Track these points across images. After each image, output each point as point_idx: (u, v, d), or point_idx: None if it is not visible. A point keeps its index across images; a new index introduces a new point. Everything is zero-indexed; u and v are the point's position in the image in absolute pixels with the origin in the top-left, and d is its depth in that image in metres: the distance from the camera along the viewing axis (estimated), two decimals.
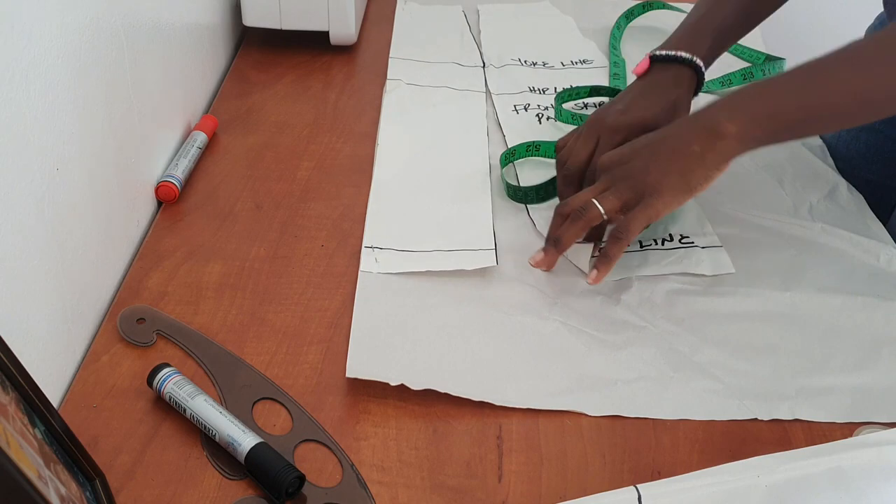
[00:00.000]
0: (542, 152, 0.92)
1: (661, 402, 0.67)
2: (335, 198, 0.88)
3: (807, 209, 0.86)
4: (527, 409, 0.66)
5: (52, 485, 0.47)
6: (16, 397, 0.49)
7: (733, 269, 0.78)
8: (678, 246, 0.81)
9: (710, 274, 0.78)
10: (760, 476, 0.60)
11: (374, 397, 0.67)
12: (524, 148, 0.92)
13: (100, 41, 0.71)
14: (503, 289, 0.76)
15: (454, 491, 0.61)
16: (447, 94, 1.04)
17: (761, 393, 0.68)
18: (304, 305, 0.75)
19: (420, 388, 0.65)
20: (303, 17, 1.10)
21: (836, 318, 0.74)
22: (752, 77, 1.06)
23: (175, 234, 0.82)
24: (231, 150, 0.94)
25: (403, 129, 0.97)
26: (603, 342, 0.72)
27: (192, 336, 0.71)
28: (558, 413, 0.66)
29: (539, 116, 1.01)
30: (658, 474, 0.62)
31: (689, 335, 0.73)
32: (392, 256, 0.79)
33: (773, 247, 0.82)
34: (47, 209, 0.63)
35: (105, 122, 0.73)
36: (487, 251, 0.79)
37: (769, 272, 0.79)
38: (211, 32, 1.05)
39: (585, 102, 1.04)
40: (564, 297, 0.76)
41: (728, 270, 0.78)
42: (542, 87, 1.06)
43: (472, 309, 0.74)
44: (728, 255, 0.80)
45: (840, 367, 0.70)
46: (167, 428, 0.64)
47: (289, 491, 0.59)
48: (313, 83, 1.08)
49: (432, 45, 1.13)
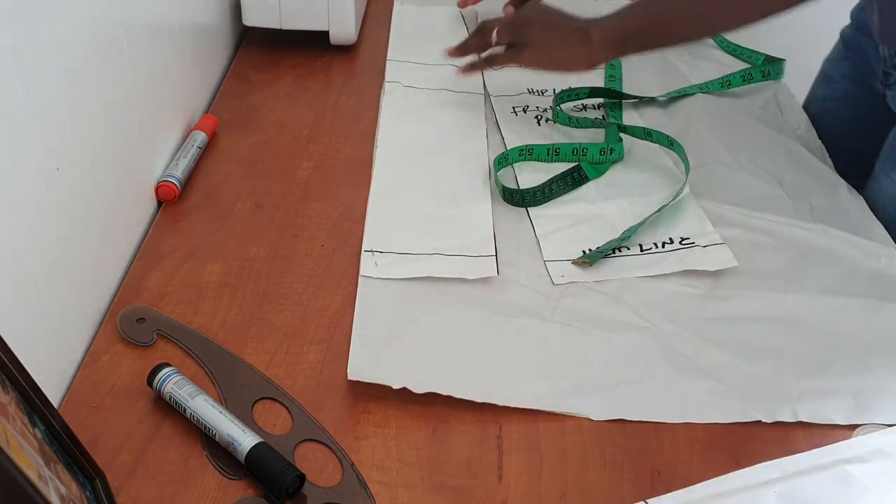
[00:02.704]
0: (536, 156, 0.92)
1: (664, 406, 0.67)
2: (335, 198, 0.88)
3: (808, 211, 0.86)
4: (527, 409, 0.66)
5: (53, 484, 0.47)
6: (16, 397, 0.49)
7: (736, 262, 0.78)
8: (679, 247, 0.81)
9: (712, 269, 0.78)
10: (769, 483, 0.60)
11: (374, 397, 0.67)
12: (517, 152, 0.92)
13: (100, 41, 0.71)
14: (504, 291, 0.76)
15: (454, 491, 0.61)
16: (446, 97, 1.04)
17: (764, 395, 0.68)
18: (305, 305, 0.75)
19: (422, 392, 0.65)
20: (303, 17, 1.10)
21: (838, 320, 0.74)
22: (752, 79, 1.06)
23: (175, 233, 0.82)
24: (231, 149, 0.94)
25: (402, 132, 0.97)
26: (605, 344, 0.71)
27: (192, 336, 0.71)
28: (558, 412, 0.66)
29: (538, 118, 1.01)
30: (658, 474, 0.62)
31: (691, 337, 0.72)
32: (392, 260, 0.78)
33: (775, 249, 0.81)
34: (47, 209, 0.63)
35: (105, 122, 0.73)
36: (488, 258, 0.79)
37: (771, 274, 0.79)
38: (211, 32, 1.05)
39: (584, 104, 1.04)
40: (565, 300, 0.76)
41: (731, 264, 0.78)
42: (540, 88, 1.06)
43: (474, 311, 0.74)
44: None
45: (842, 370, 0.70)
46: (167, 428, 0.64)
47: (289, 491, 0.59)
48: (313, 83, 1.08)
49: (430, 47, 1.13)
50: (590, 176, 0.90)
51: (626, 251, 0.80)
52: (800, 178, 0.91)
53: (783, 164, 0.93)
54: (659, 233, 0.82)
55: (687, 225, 0.83)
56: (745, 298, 0.76)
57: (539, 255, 0.80)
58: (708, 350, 0.71)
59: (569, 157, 0.92)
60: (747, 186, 0.89)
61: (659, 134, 0.93)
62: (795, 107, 1.04)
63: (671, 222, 0.83)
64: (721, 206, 0.86)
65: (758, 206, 0.86)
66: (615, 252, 0.80)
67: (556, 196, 0.87)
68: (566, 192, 0.88)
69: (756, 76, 1.06)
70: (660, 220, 0.83)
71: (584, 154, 0.92)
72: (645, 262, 0.79)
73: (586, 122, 0.98)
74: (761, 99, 1.05)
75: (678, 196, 0.85)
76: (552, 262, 0.79)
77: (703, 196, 0.87)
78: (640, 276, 0.78)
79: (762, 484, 0.60)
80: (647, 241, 0.81)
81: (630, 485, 0.62)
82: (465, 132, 0.98)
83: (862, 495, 0.60)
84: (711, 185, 0.89)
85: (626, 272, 0.78)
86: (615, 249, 0.80)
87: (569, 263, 0.79)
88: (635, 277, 0.78)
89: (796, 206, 0.87)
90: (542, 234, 0.83)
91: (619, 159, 0.93)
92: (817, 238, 0.82)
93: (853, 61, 1.02)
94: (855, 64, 1.02)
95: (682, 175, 0.89)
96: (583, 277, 0.78)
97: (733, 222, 0.84)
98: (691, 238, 0.81)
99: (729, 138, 0.97)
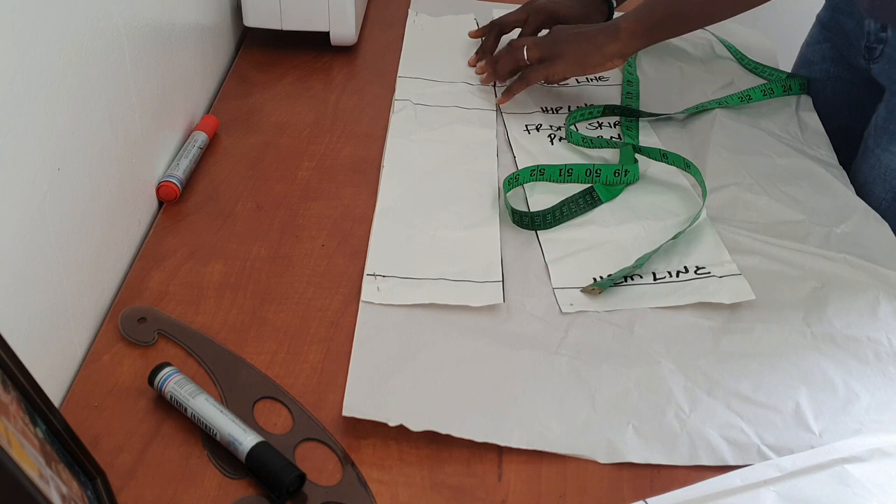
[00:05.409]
0: (547, 176, 0.90)
1: (675, 448, 0.64)
2: (335, 198, 0.88)
3: (829, 238, 0.82)
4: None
5: (54, 484, 0.47)
6: (17, 396, 0.49)
7: (753, 295, 0.75)
8: (693, 277, 0.78)
9: (728, 302, 0.75)
10: (768, 483, 0.60)
11: None
12: (528, 172, 0.89)
13: (101, 41, 0.71)
14: (510, 321, 0.73)
15: (454, 490, 0.61)
16: (457, 114, 1.00)
17: (782, 435, 0.64)
18: (305, 305, 0.75)
19: (420, 430, 0.63)
20: (303, 18, 1.10)
21: (861, 355, 0.71)
22: (773, 93, 1.04)
23: (176, 233, 0.82)
24: (232, 150, 0.95)
25: (409, 150, 0.93)
26: (614, 380, 0.68)
27: (193, 335, 0.71)
28: (563, 454, 0.64)
29: (551, 137, 0.97)
30: (657, 473, 0.62)
31: (705, 372, 0.69)
32: (395, 285, 0.76)
33: (794, 279, 0.78)
34: (49, 209, 0.63)
35: (106, 123, 0.73)
36: (494, 283, 0.76)
37: (790, 306, 0.75)
38: (212, 33, 1.05)
39: (599, 122, 1.00)
40: (574, 330, 0.73)
41: (748, 297, 0.75)
42: (554, 106, 1.03)
43: (477, 342, 0.71)
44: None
45: (866, 408, 0.67)
46: (168, 427, 0.64)
47: (289, 490, 0.59)
48: (314, 83, 1.08)
49: (443, 63, 1.10)
50: (603, 198, 0.87)
51: (638, 279, 0.77)
52: (821, 202, 0.87)
53: (804, 188, 0.89)
54: (673, 261, 0.79)
55: (702, 253, 0.80)
56: (762, 332, 0.73)
57: (547, 282, 0.77)
58: (723, 386, 0.68)
59: (582, 178, 0.89)
60: (766, 210, 0.86)
61: (675, 156, 0.90)
62: (816, 126, 1.00)
63: (686, 250, 0.80)
64: (739, 231, 0.83)
65: (777, 232, 0.83)
66: (627, 280, 0.77)
67: (567, 219, 0.84)
68: (578, 215, 0.85)
69: (777, 91, 1.04)
70: (674, 247, 0.80)
71: (597, 175, 0.89)
72: (658, 291, 0.76)
73: (601, 141, 0.94)
74: (782, 117, 1.01)
75: (694, 222, 0.82)
76: (561, 290, 0.76)
77: (720, 220, 0.84)
78: (652, 306, 0.75)
79: (761, 483, 0.60)
80: (661, 270, 0.78)
81: (629, 484, 0.62)
82: (475, 151, 0.94)
83: (861, 495, 0.60)
84: (730, 208, 0.86)
85: (638, 302, 0.75)
86: (627, 277, 0.77)
87: (578, 291, 0.76)
88: (647, 308, 0.75)
89: (817, 232, 0.83)
90: (552, 260, 0.80)
91: (633, 181, 0.89)
92: (839, 268, 0.79)
93: (832, 42, 1.04)
94: (834, 45, 1.04)
95: (698, 199, 0.87)
96: (592, 307, 0.75)
97: (751, 250, 0.81)
98: (707, 267, 0.78)
99: (748, 158, 0.93)
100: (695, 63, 1.13)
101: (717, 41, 1.16)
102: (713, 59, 1.14)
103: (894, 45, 0.92)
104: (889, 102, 0.93)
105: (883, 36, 0.93)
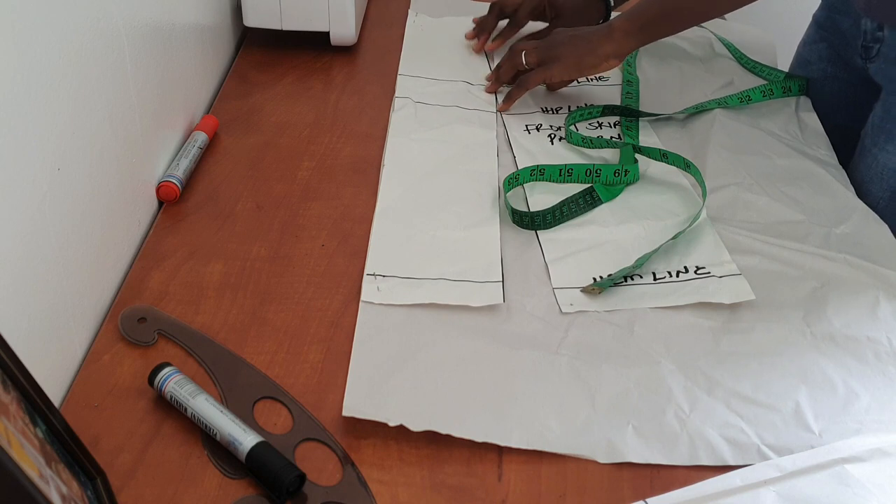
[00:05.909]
0: (547, 176, 0.90)
1: (675, 448, 0.64)
2: (335, 198, 0.88)
3: (829, 238, 0.82)
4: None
5: (54, 484, 0.47)
6: (17, 396, 0.49)
7: (753, 295, 0.75)
8: (693, 277, 0.78)
9: (728, 302, 0.75)
10: (768, 483, 0.60)
11: None
12: (528, 172, 0.89)
13: (101, 41, 0.71)
14: (510, 321, 0.73)
15: (454, 490, 0.61)
16: (457, 114, 1.00)
17: (782, 435, 0.64)
18: (305, 305, 0.75)
19: (420, 430, 0.63)
20: (303, 18, 1.10)
21: (861, 355, 0.71)
22: (772, 94, 1.04)
23: (176, 233, 0.82)
24: (232, 150, 0.95)
25: (410, 149, 0.94)
26: (614, 380, 0.68)
27: (193, 335, 0.71)
28: (562, 454, 0.64)
29: (551, 137, 0.97)
30: (657, 473, 0.62)
31: (705, 372, 0.69)
32: (395, 285, 0.76)
33: (794, 279, 0.78)
34: (49, 209, 0.63)
35: (106, 123, 0.73)
36: (494, 284, 0.76)
37: (790, 306, 0.75)
38: (212, 33, 1.05)
39: (600, 122, 1.01)
40: (574, 330, 0.73)
41: (748, 297, 0.75)
42: (554, 106, 1.03)
43: (477, 342, 0.71)
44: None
45: (866, 408, 0.67)
46: (168, 427, 0.64)
47: (289, 490, 0.59)
48: (314, 83, 1.08)
49: (443, 62, 1.10)
50: (603, 198, 0.87)
51: (638, 279, 0.77)
52: (821, 202, 0.87)
53: (804, 188, 0.89)
54: (673, 261, 0.79)
55: (702, 253, 0.80)
56: (762, 332, 0.73)
57: (547, 282, 0.77)
58: (723, 386, 0.68)
59: (582, 178, 0.89)
60: (766, 210, 0.86)
61: (675, 156, 0.90)
62: (816, 126, 1.00)
63: (686, 250, 0.80)
64: (739, 231, 0.83)
65: (777, 232, 0.83)
66: (626, 280, 0.77)
67: (567, 219, 0.84)
68: (578, 215, 0.85)
69: (777, 92, 1.04)
70: (674, 247, 0.80)
71: (597, 175, 0.89)
72: (658, 291, 0.76)
73: (601, 142, 0.94)
74: (782, 117, 1.01)
75: (694, 222, 0.82)
76: (561, 290, 0.76)
77: (720, 220, 0.84)
78: (652, 306, 0.75)
79: (761, 483, 0.60)
80: (661, 270, 0.78)
81: (629, 484, 0.62)
82: (475, 150, 0.94)
83: (861, 495, 0.60)
84: (730, 208, 0.86)
85: (638, 302, 0.75)
86: (627, 277, 0.78)
87: (578, 291, 0.76)
88: (647, 308, 0.75)
89: (817, 232, 0.83)
90: (552, 260, 0.80)
91: (633, 181, 0.90)
92: (839, 268, 0.79)
93: (829, 42, 1.04)
94: (831, 44, 1.04)
95: (698, 198, 0.87)
96: (592, 306, 0.75)
97: (751, 250, 0.81)
98: (707, 267, 0.78)
99: (748, 158, 0.93)
100: (694, 63, 1.13)
101: (717, 39, 1.16)
102: (713, 59, 1.14)
103: (891, 44, 0.92)
104: (886, 101, 0.93)
105: (879, 35, 0.93)
